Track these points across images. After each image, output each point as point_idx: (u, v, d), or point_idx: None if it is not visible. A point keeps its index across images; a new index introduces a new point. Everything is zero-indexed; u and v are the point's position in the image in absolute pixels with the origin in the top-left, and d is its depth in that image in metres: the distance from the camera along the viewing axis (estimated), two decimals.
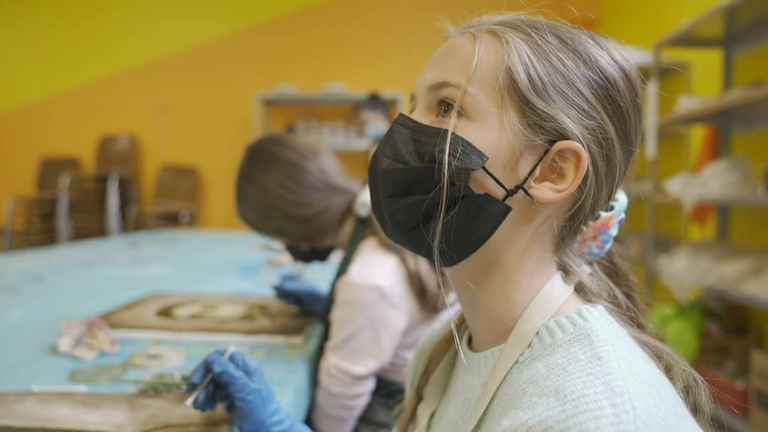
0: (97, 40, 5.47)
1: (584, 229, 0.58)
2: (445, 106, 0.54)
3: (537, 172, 0.52)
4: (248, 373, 0.75)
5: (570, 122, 0.51)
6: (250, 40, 5.37)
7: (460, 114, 0.53)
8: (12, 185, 5.45)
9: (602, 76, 0.53)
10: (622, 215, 0.60)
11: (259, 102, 5.09)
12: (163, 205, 5.27)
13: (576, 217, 0.55)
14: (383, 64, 5.16)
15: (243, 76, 5.33)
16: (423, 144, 0.53)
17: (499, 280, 0.55)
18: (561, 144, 0.51)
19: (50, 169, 5.42)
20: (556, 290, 0.54)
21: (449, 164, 0.51)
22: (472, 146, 0.51)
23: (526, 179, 0.52)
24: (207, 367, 0.75)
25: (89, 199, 5.23)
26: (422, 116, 0.56)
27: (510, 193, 0.52)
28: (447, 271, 0.58)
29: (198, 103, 5.41)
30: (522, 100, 0.52)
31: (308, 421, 1.13)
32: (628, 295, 0.61)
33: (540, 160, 0.52)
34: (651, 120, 2.94)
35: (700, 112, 2.58)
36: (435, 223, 0.52)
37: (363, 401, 1.12)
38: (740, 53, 2.89)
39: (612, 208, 0.59)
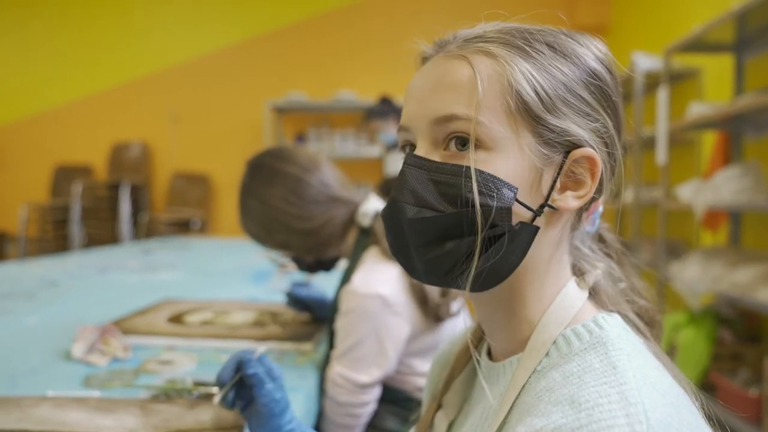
0: (109, 48, 5.54)
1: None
2: (458, 141, 0.51)
3: (558, 184, 0.52)
4: (273, 380, 0.74)
5: (580, 130, 0.52)
6: (260, 48, 5.41)
7: (476, 146, 0.50)
8: (26, 192, 5.52)
9: (593, 75, 0.53)
10: None
11: (270, 109, 5.13)
12: (174, 212, 5.31)
13: (586, 210, 0.57)
14: (394, 71, 5.18)
15: (254, 84, 5.38)
16: (447, 185, 0.50)
17: (522, 294, 0.55)
18: (576, 153, 0.52)
19: (63, 176, 5.49)
20: (571, 296, 0.54)
21: (488, 206, 0.48)
22: (501, 180, 0.49)
23: (548, 195, 0.52)
24: (237, 366, 0.73)
25: (102, 206, 5.28)
26: (429, 152, 0.52)
27: (537, 213, 0.51)
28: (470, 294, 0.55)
29: (209, 110, 5.45)
30: (534, 119, 0.51)
31: (317, 428, 1.13)
32: (619, 263, 0.63)
33: (558, 173, 0.52)
34: (662, 126, 2.93)
35: (712, 117, 2.57)
36: (472, 264, 0.49)
37: (369, 409, 1.13)
38: (751, 58, 2.88)
39: None
